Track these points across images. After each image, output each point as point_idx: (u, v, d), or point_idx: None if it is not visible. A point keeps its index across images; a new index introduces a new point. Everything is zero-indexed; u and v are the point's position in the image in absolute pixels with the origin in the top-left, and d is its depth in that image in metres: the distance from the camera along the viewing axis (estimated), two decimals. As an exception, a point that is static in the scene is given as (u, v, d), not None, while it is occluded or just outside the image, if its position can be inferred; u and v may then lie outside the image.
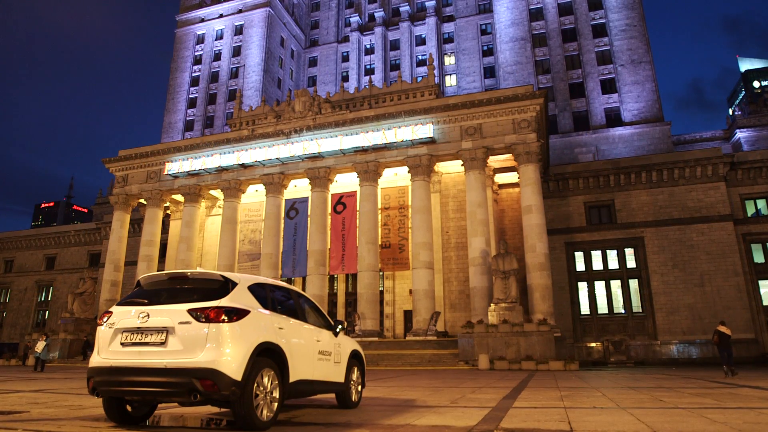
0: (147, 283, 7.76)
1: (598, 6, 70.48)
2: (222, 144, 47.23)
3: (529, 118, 39.26)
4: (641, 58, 66.18)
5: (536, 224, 37.78)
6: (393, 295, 44.47)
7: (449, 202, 44.35)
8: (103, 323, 7.25)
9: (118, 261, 49.78)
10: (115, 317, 7.20)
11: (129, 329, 6.96)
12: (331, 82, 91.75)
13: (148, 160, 50.23)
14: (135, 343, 6.87)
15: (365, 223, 41.19)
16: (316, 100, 45.93)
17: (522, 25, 72.95)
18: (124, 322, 7.04)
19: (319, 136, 43.85)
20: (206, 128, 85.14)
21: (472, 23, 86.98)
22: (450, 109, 40.73)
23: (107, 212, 66.86)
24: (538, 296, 36.23)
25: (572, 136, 65.51)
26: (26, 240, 70.98)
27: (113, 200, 51.05)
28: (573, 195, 47.39)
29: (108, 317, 7.28)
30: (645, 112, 64.05)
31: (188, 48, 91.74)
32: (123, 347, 6.93)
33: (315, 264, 42.00)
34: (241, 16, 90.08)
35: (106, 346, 7.07)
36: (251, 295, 7.55)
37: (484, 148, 39.46)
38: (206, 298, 7.02)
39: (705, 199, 44.03)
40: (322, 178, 43.52)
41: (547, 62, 70.82)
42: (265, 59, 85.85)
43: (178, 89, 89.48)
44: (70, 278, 65.62)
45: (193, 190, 47.85)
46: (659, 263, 43.50)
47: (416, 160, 40.76)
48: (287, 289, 8.93)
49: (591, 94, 67.11)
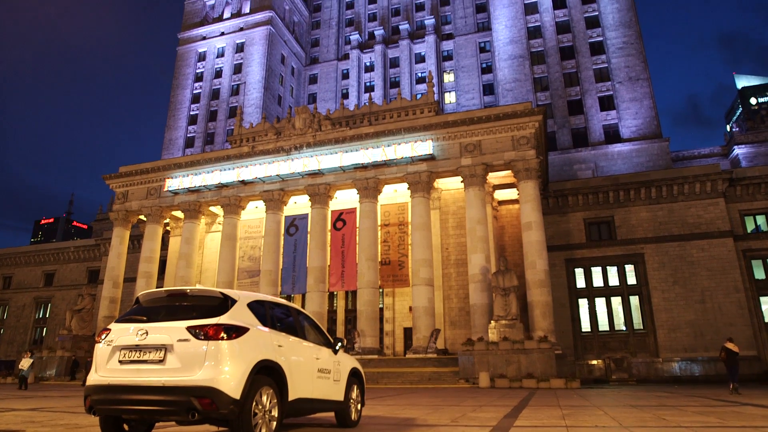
0: (146, 300, 7.72)
1: (596, 24, 71.26)
2: (222, 161, 47.38)
3: (528, 134, 39.44)
4: (639, 76, 66.73)
5: (536, 241, 37.75)
6: (393, 312, 44.25)
7: (449, 219, 44.35)
8: (101, 340, 7.20)
9: (117, 277, 49.63)
10: (113, 334, 7.15)
11: (127, 347, 6.91)
12: (331, 99, 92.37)
13: (148, 177, 50.35)
14: (133, 361, 6.81)
15: (365, 240, 41.15)
16: (317, 117, 46.20)
17: (520, 43, 73.68)
18: (123, 339, 6.99)
19: (319, 152, 44.01)
20: (207, 145, 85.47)
21: (471, 41, 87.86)
22: (449, 126, 40.94)
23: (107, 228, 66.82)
24: (538, 313, 36.05)
25: (571, 153, 65.77)
26: (25, 256, 70.86)
27: (113, 216, 51.05)
28: (573, 211, 47.43)
29: (106, 334, 7.23)
30: (643, 128, 64.39)
31: (190, 65, 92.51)
32: (121, 365, 6.87)
33: (314, 281, 41.86)
34: (243, 34, 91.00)
35: (104, 363, 7.01)
36: (250, 312, 7.50)
37: (483, 164, 39.58)
38: (205, 315, 6.98)
39: (704, 215, 44.06)
40: (321, 194, 43.58)
41: (545, 79, 71.38)
42: (265, 76, 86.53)
43: (179, 106, 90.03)
44: (68, 295, 65.35)
45: (193, 206, 47.88)
46: (660, 279, 43.38)
47: (416, 177, 40.85)
48: (287, 306, 8.88)
49: (589, 111, 67.53)
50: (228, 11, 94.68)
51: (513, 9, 75.71)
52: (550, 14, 73.79)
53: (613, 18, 70.47)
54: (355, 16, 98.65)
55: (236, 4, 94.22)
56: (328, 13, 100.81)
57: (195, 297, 7.51)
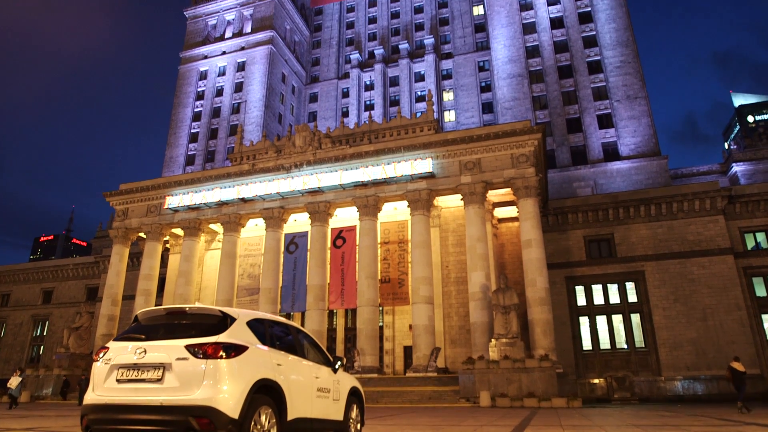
0: (145, 318, 7.69)
1: (593, 44, 72.05)
2: (222, 178, 47.52)
3: (527, 152, 39.62)
4: (636, 94, 67.27)
5: (536, 258, 37.68)
6: (393, 330, 43.97)
7: (449, 237, 44.31)
8: (99, 359, 7.14)
9: (115, 295, 49.42)
10: (111, 353, 7.10)
11: (125, 365, 6.85)
12: (332, 118, 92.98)
13: (148, 194, 50.44)
14: (131, 380, 6.75)
15: (365, 258, 41.07)
16: (317, 135, 46.44)
17: (519, 62, 74.41)
18: (121, 358, 6.94)
19: (319, 170, 44.16)
20: (207, 162, 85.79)
21: (470, 60, 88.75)
22: (449, 144, 41.14)
23: (106, 246, 66.72)
24: (539, 331, 35.83)
25: (570, 171, 66.00)
26: (23, 273, 70.62)
27: (113, 234, 51.02)
28: (572, 229, 47.42)
29: (104, 353, 7.18)
30: (642, 146, 64.72)
31: (191, 84, 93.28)
32: (119, 384, 6.81)
33: (314, 299, 41.69)
34: (244, 53, 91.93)
35: (102, 382, 6.95)
36: (250, 330, 7.46)
37: (483, 182, 39.68)
38: (204, 333, 6.95)
39: (704, 232, 44.05)
40: (321, 212, 43.62)
41: (544, 98, 71.94)
42: (266, 95, 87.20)
43: (180, 124, 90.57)
44: (66, 312, 65.01)
45: (193, 224, 47.89)
46: (661, 297, 43.20)
47: (416, 195, 40.93)
48: (286, 324, 8.84)
49: (588, 129, 67.94)
50: (230, 31, 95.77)
51: (511, 29, 76.62)
52: (548, 34, 74.66)
53: (610, 37, 71.28)
54: (355, 36, 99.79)
55: (238, 24, 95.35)
56: (329, 32, 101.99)
57: (194, 315, 7.47)
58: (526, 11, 77.37)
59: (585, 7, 74.44)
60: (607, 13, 72.81)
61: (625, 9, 72.31)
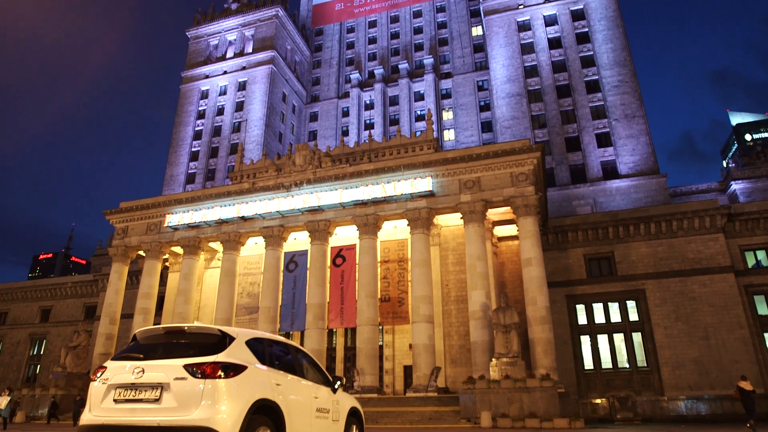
0: (143, 337, 7.66)
1: (591, 63, 72.84)
2: (223, 197, 47.61)
3: (526, 171, 39.76)
4: (634, 113, 67.78)
5: (536, 277, 37.57)
6: (393, 349, 43.66)
7: (449, 255, 44.24)
8: (97, 378, 7.10)
9: (114, 314, 49.14)
10: (109, 372, 7.06)
11: (123, 385, 6.80)
12: (332, 137, 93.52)
13: (148, 212, 50.48)
14: (128, 400, 6.70)
15: (364, 277, 40.95)
16: (317, 154, 46.64)
17: (518, 82, 75.11)
18: (118, 377, 6.89)
19: (319, 189, 44.26)
20: (207, 181, 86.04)
21: (469, 80, 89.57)
22: (449, 162, 41.31)
23: (106, 264, 66.57)
24: (540, 351, 35.56)
25: (570, 189, 66.18)
26: (21, 291, 70.29)
27: (112, 252, 50.93)
28: (572, 247, 47.37)
29: (102, 372, 7.14)
30: (641, 164, 65.00)
31: (192, 103, 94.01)
32: (116, 404, 6.76)
33: (313, 318, 41.46)
34: (245, 72, 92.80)
35: (99, 402, 6.89)
36: (249, 350, 7.43)
37: (482, 201, 39.76)
38: (203, 352, 6.91)
39: (705, 250, 43.99)
40: (321, 231, 43.61)
41: (543, 117, 72.47)
42: (267, 114, 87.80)
43: (181, 143, 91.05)
44: (64, 331, 64.57)
45: (192, 242, 47.85)
46: (662, 316, 42.97)
47: (415, 213, 40.97)
48: (285, 344, 8.79)
49: (587, 147, 68.31)
50: (231, 51, 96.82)
51: (510, 49, 77.50)
52: (546, 54, 75.50)
53: (607, 57, 72.07)
54: (356, 56, 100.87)
55: (239, 44, 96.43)
56: (329, 52, 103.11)
57: (193, 334, 7.45)
58: (525, 32, 78.36)
59: (582, 28, 75.41)
60: (604, 33, 73.73)
61: (621, 30, 73.25)
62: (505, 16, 79.73)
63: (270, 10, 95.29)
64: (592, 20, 75.16)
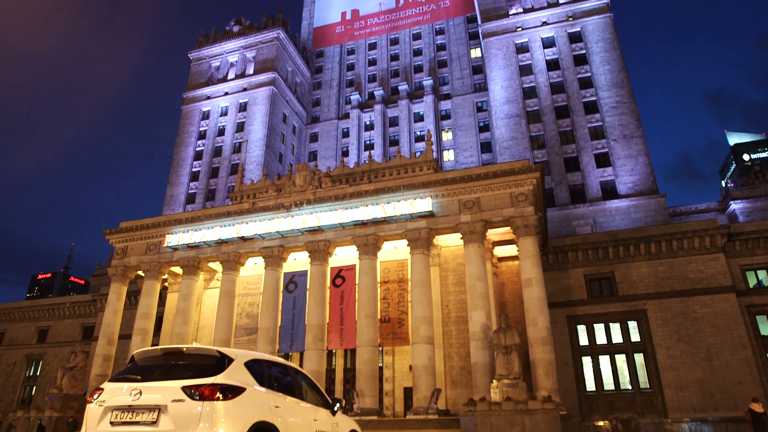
0: (141, 358, 7.60)
1: (589, 84, 73.59)
2: (222, 217, 47.62)
3: (526, 191, 39.86)
4: (633, 133, 68.25)
5: (537, 297, 37.39)
6: (393, 371, 43.23)
7: (449, 276, 44.08)
8: (93, 400, 7.02)
9: (112, 334, 48.76)
10: (105, 394, 6.99)
11: (120, 407, 6.73)
12: (332, 157, 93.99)
13: (148, 232, 50.45)
14: (125, 422, 6.62)
15: (364, 297, 40.75)
16: (317, 174, 46.80)
17: (516, 103, 75.77)
18: (115, 399, 6.82)
19: (319, 209, 44.31)
20: (208, 201, 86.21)
21: (468, 101, 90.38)
22: (448, 183, 41.42)
23: (104, 284, 66.30)
24: (541, 372, 35.22)
25: (569, 209, 66.28)
26: (19, 312, 69.84)
27: (111, 272, 50.76)
28: (573, 267, 47.24)
29: (98, 394, 7.07)
30: (640, 184, 65.22)
31: (193, 123, 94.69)
32: (112, 426, 6.67)
33: (313, 339, 41.15)
34: (246, 93, 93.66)
35: (95, 425, 6.81)
36: (248, 371, 7.37)
37: (482, 221, 39.77)
38: (202, 374, 6.85)
39: (705, 270, 43.87)
40: (321, 251, 43.53)
41: (542, 137, 72.93)
42: (267, 135, 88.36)
43: (181, 163, 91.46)
44: (61, 352, 64.01)
45: (192, 262, 47.73)
46: (664, 336, 42.65)
47: (415, 234, 40.95)
48: (284, 365, 8.72)
49: (586, 167, 68.61)
50: (233, 72, 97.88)
51: (508, 71, 78.36)
52: (545, 75, 76.31)
53: (605, 78, 72.83)
54: (356, 77, 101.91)
55: (241, 66, 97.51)
56: (329, 74, 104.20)
57: (191, 355, 7.39)
58: (523, 53, 79.31)
59: (580, 50, 76.35)
60: (601, 55, 74.63)
61: (618, 52, 74.15)
62: (503, 38, 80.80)
63: (271, 32, 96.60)
64: (589, 42, 76.14)
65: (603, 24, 76.88)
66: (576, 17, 78.43)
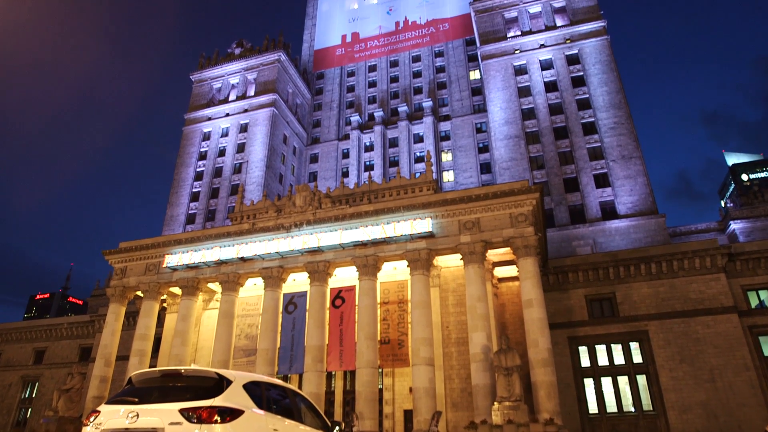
0: (139, 380, 7.53)
1: (587, 106, 74.22)
2: (222, 237, 47.59)
3: (525, 212, 39.91)
4: (631, 154, 68.61)
5: (537, 318, 37.17)
6: (392, 393, 42.75)
7: (449, 297, 43.88)
8: (90, 423, 6.95)
9: (109, 355, 48.33)
10: (102, 417, 6.92)
11: (116, 430, 6.65)
12: (332, 178, 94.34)
13: (147, 253, 50.36)
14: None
15: (364, 318, 40.51)
16: (317, 195, 46.91)
17: (515, 124, 76.33)
18: (112, 422, 6.75)
19: (319, 230, 44.31)
20: (208, 221, 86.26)
21: (467, 122, 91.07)
22: (448, 204, 41.50)
23: (103, 305, 65.94)
24: (543, 394, 34.83)
25: (569, 229, 66.28)
26: (16, 332, 69.31)
27: (110, 292, 50.54)
28: (573, 288, 47.05)
29: (95, 417, 6.99)
30: (639, 205, 65.34)
31: (194, 144, 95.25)
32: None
33: (312, 360, 40.78)
34: (247, 115, 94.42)
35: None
36: (246, 393, 7.30)
37: (482, 242, 39.74)
38: (200, 396, 6.79)
39: (706, 290, 43.69)
40: (321, 272, 43.41)
41: (541, 158, 73.30)
42: (267, 155, 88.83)
43: (182, 183, 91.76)
44: (57, 373, 63.38)
45: (191, 283, 47.56)
46: (666, 357, 42.29)
47: (415, 254, 40.88)
48: (283, 387, 8.64)
49: (585, 188, 68.81)
50: (234, 94, 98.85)
51: (507, 92, 79.11)
52: (543, 97, 77.02)
53: (603, 100, 73.49)
54: (356, 99, 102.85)
55: (242, 88, 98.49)
56: (330, 95, 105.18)
57: (189, 377, 7.33)
58: (521, 75, 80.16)
59: (578, 72, 77.19)
60: (598, 77, 75.43)
61: (616, 73, 74.97)
62: (501, 60, 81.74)
63: (272, 54, 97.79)
64: (586, 64, 77.02)
65: (600, 46, 77.86)
66: (573, 40, 79.47)
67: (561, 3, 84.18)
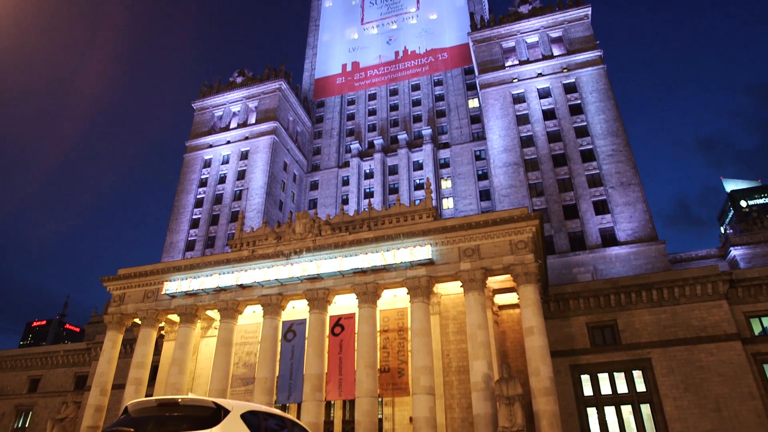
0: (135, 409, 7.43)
1: (585, 133, 74.90)
2: (222, 264, 47.43)
3: (525, 239, 39.89)
4: (630, 181, 68.94)
5: (539, 346, 36.78)
6: (392, 423, 41.99)
7: (449, 324, 43.48)
8: (84, 455, 6.82)
9: (105, 384, 47.62)
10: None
11: (111, 462, 6.52)
12: (332, 205, 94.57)
13: (146, 279, 50.12)
14: (116, 479, 6.40)
15: (363, 346, 40.08)
16: (317, 222, 46.92)
17: (514, 151, 76.91)
18: (107, 454, 6.62)
19: (319, 257, 44.19)
20: (207, 248, 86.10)
21: (466, 149, 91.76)
22: (448, 231, 41.49)
23: (100, 332, 65.35)
24: (545, 424, 34.22)
25: (569, 256, 66.13)
26: (10, 360, 68.35)
27: (107, 319, 50.10)
28: (574, 315, 46.69)
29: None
30: (639, 231, 65.34)
31: (195, 171, 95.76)
32: (102, 483, 6.46)
33: (311, 389, 40.19)
34: (247, 142, 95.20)
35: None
36: (244, 424, 7.20)
37: (482, 269, 39.60)
38: (197, 426, 6.69)
39: (709, 317, 43.33)
40: (320, 299, 43.13)
41: (540, 185, 73.62)
42: (268, 183, 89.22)
43: (182, 210, 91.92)
44: (52, 402, 62.37)
45: (189, 310, 47.20)
46: (670, 386, 41.68)
47: (415, 282, 40.69)
48: (281, 417, 8.52)
49: (585, 215, 68.92)
50: (235, 121, 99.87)
51: (506, 120, 79.94)
52: (541, 125, 77.80)
53: (600, 127, 74.21)
54: (356, 127, 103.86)
55: (243, 115, 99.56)
56: (330, 123, 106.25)
57: (186, 407, 7.24)
58: (519, 104, 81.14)
59: (575, 100, 78.17)
60: (596, 105, 76.33)
61: (613, 101, 75.88)
62: (500, 89, 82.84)
63: (273, 83, 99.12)
64: (584, 93, 78.03)
65: (597, 75, 79.00)
66: (570, 69, 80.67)
67: (558, 33, 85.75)
